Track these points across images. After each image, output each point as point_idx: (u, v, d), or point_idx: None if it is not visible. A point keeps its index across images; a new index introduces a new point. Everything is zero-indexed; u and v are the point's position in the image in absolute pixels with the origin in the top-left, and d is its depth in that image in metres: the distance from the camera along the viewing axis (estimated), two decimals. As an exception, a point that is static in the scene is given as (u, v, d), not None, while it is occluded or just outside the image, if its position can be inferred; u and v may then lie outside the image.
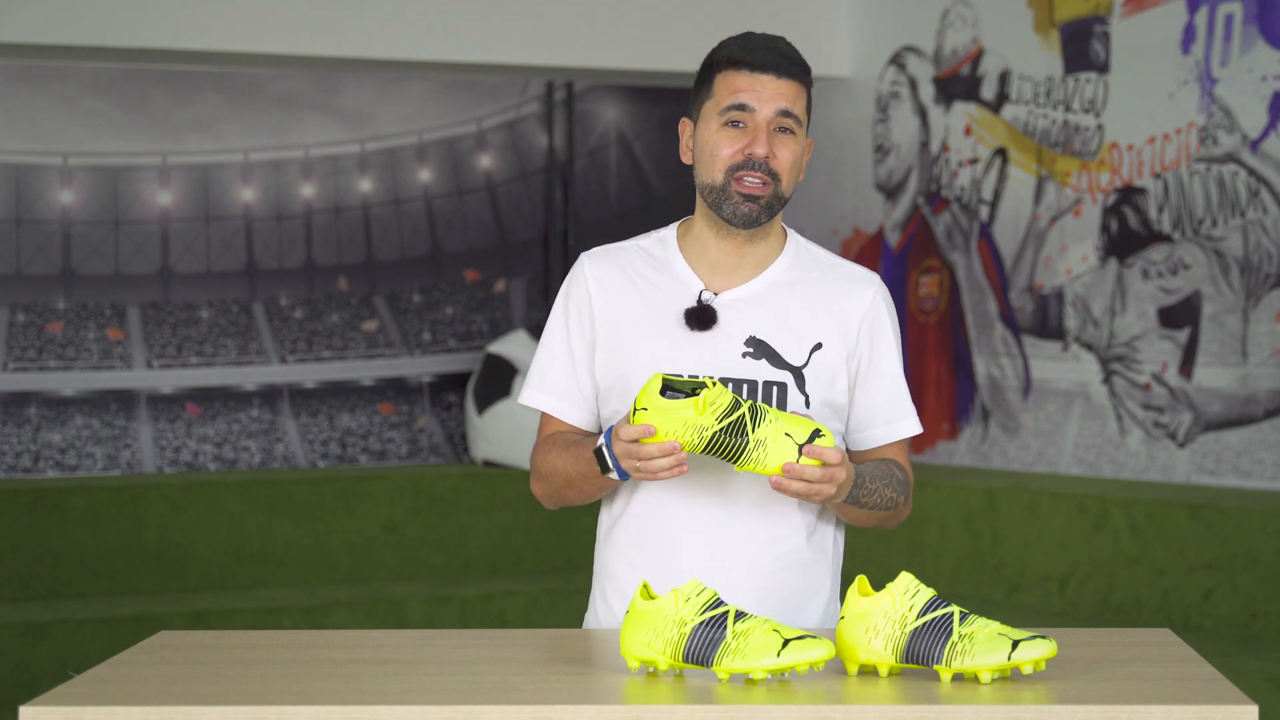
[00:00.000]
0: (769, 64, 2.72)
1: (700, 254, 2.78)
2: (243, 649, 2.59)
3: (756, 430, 2.47)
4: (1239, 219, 5.73)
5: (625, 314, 2.77)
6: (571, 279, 2.83)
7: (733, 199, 2.72)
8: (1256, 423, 5.71)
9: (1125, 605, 5.55)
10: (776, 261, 2.79)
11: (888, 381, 2.79)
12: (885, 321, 2.79)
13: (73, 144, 6.89)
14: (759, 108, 2.71)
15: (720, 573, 2.70)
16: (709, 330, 2.72)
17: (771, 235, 2.79)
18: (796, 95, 2.73)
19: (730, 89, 2.72)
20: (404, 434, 7.37)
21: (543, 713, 2.18)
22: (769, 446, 2.47)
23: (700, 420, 2.47)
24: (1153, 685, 2.28)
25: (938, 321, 6.80)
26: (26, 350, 6.86)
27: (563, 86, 7.59)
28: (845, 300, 2.77)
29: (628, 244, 2.85)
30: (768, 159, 2.70)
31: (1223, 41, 5.79)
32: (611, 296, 2.78)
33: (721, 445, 2.48)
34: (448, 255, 7.46)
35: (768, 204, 2.72)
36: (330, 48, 6.55)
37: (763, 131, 2.70)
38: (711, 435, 2.47)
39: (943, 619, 2.32)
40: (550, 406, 2.81)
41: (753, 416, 2.48)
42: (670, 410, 2.48)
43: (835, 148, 7.21)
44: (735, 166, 2.71)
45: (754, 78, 2.72)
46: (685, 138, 2.80)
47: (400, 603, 6.24)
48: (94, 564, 6.28)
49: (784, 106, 2.71)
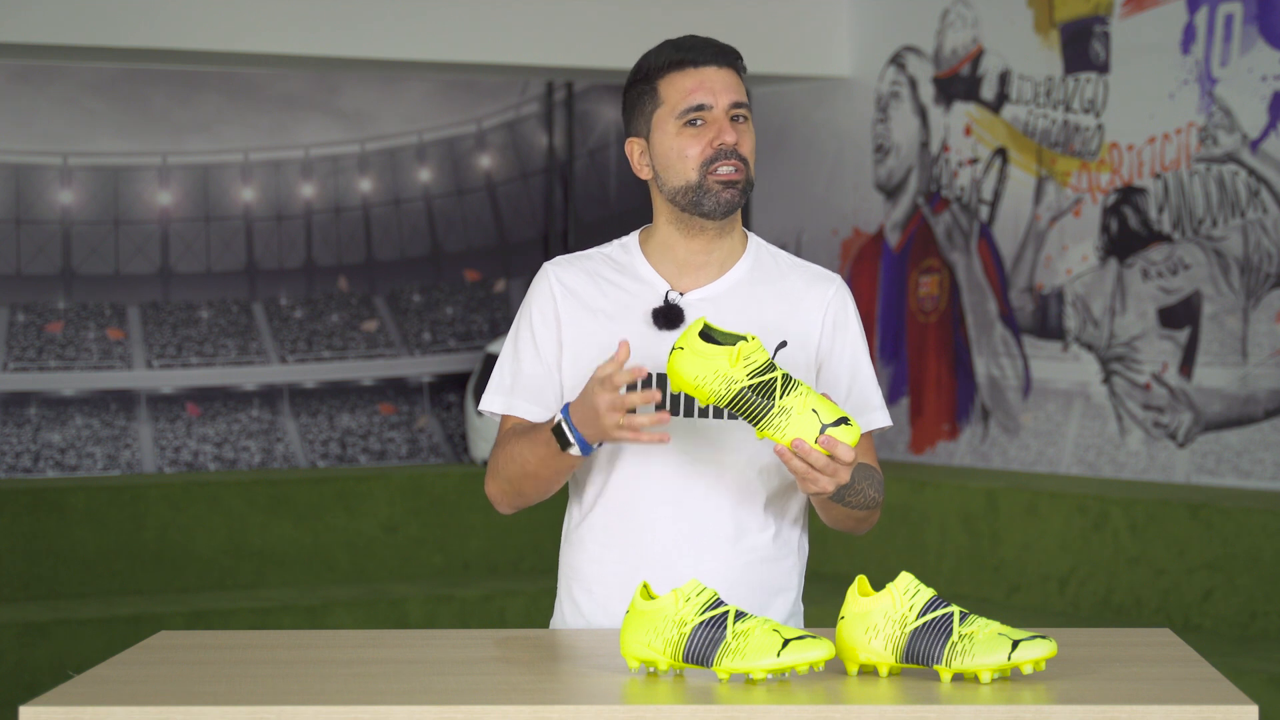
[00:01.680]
0: (709, 57, 2.75)
1: (665, 256, 2.80)
2: (243, 649, 2.59)
3: (785, 398, 2.45)
4: (1239, 219, 5.73)
5: (592, 316, 2.78)
6: (535, 285, 2.83)
7: (712, 190, 2.73)
8: (1256, 423, 5.71)
9: (1125, 605, 5.55)
10: (740, 261, 2.81)
11: (849, 376, 2.79)
12: (847, 317, 2.80)
13: (73, 144, 6.90)
14: (714, 102, 2.73)
15: (690, 568, 2.71)
16: (676, 329, 2.74)
17: (735, 233, 2.81)
18: (739, 84, 2.77)
19: (681, 91, 2.74)
20: (404, 434, 7.37)
21: (543, 713, 2.18)
22: (792, 416, 2.45)
23: (731, 371, 2.45)
24: (1153, 685, 2.28)
25: (938, 321, 6.80)
26: (26, 350, 6.87)
27: (563, 86, 7.59)
28: (807, 298, 2.79)
29: (590, 251, 2.86)
30: (737, 146, 2.72)
31: (1223, 41, 5.79)
32: (579, 299, 2.79)
33: (746, 403, 2.46)
34: (448, 255, 7.46)
35: (744, 188, 2.75)
36: (330, 48, 6.56)
37: (724, 121, 2.73)
38: (739, 390, 2.45)
39: (943, 619, 2.32)
40: (514, 409, 2.79)
41: (784, 384, 2.46)
42: (705, 355, 2.47)
43: (835, 148, 7.21)
44: (707, 161, 2.72)
45: (701, 73, 2.74)
46: (637, 155, 2.80)
47: (400, 603, 6.24)
48: (94, 564, 6.29)
49: (736, 98, 2.74)
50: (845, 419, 2.46)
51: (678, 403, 2.72)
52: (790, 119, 7.38)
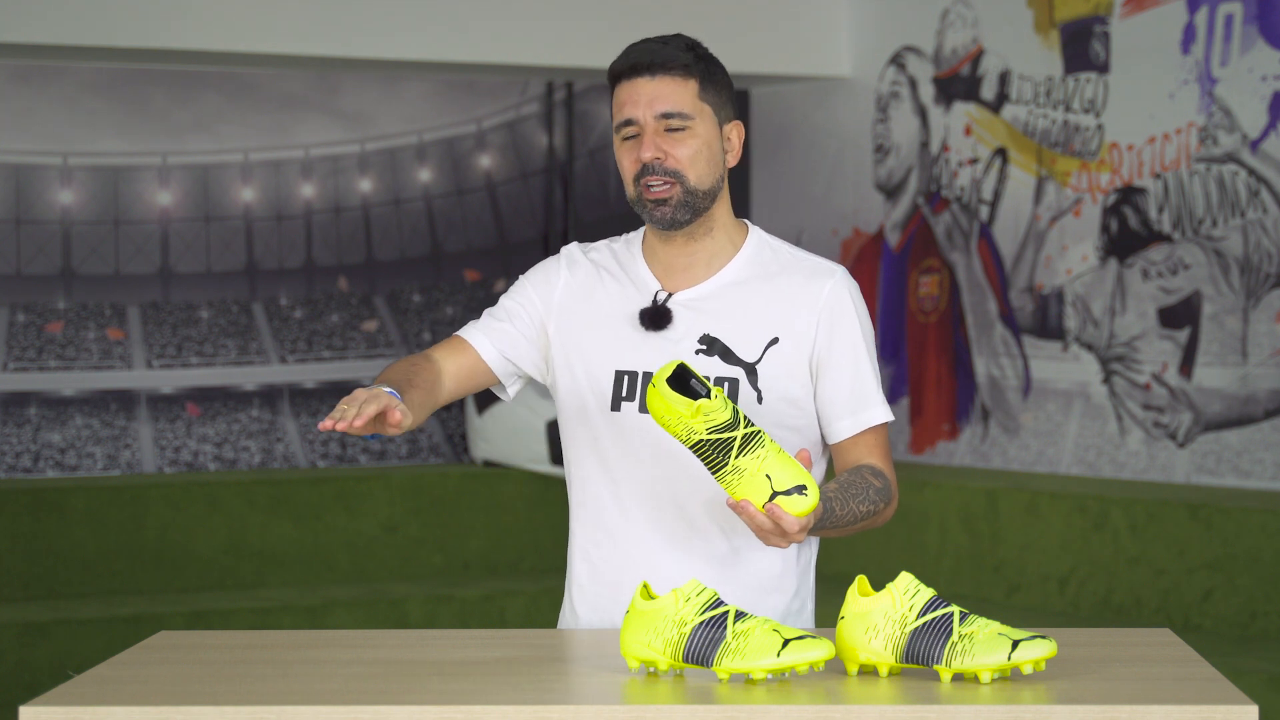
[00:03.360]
0: (640, 67, 2.73)
1: (654, 257, 2.82)
2: (243, 649, 2.59)
3: (741, 458, 2.48)
4: (1239, 219, 5.73)
5: (588, 311, 2.82)
6: (552, 263, 2.88)
7: (646, 207, 2.74)
8: (1256, 423, 5.71)
9: (1125, 605, 5.55)
10: (733, 260, 2.80)
11: (850, 371, 2.77)
12: (846, 311, 2.77)
13: (73, 144, 6.90)
14: (640, 115, 2.72)
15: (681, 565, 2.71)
16: (663, 330, 2.74)
17: (718, 231, 2.79)
18: (677, 90, 2.72)
19: (618, 105, 2.76)
20: (404, 434, 7.37)
21: (543, 713, 2.18)
22: (743, 478, 2.48)
23: (691, 423, 2.48)
24: (1153, 685, 2.28)
25: (938, 321, 6.80)
26: (26, 350, 6.86)
27: (563, 86, 7.59)
28: (803, 293, 2.77)
29: (600, 244, 2.89)
30: (660, 160, 2.71)
31: (1223, 41, 5.79)
32: (581, 293, 2.83)
33: (704, 455, 2.50)
34: (448, 255, 7.46)
35: (680, 203, 2.72)
36: (330, 48, 6.55)
37: (651, 135, 2.71)
38: (697, 440, 2.49)
39: (943, 619, 2.32)
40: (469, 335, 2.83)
41: (744, 444, 2.48)
42: (668, 402, 2.50)
43: (835, 148, 7.21)
44: (637, 176, 2.73)
45: (632, 86, 2.74)
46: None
47: (400, 603, 6.24)
48: (94, 564, 6.28)
49: (662, 109, 2.71)
50: (803, 486, 2.48)
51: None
52: (790, 119, 7.38)
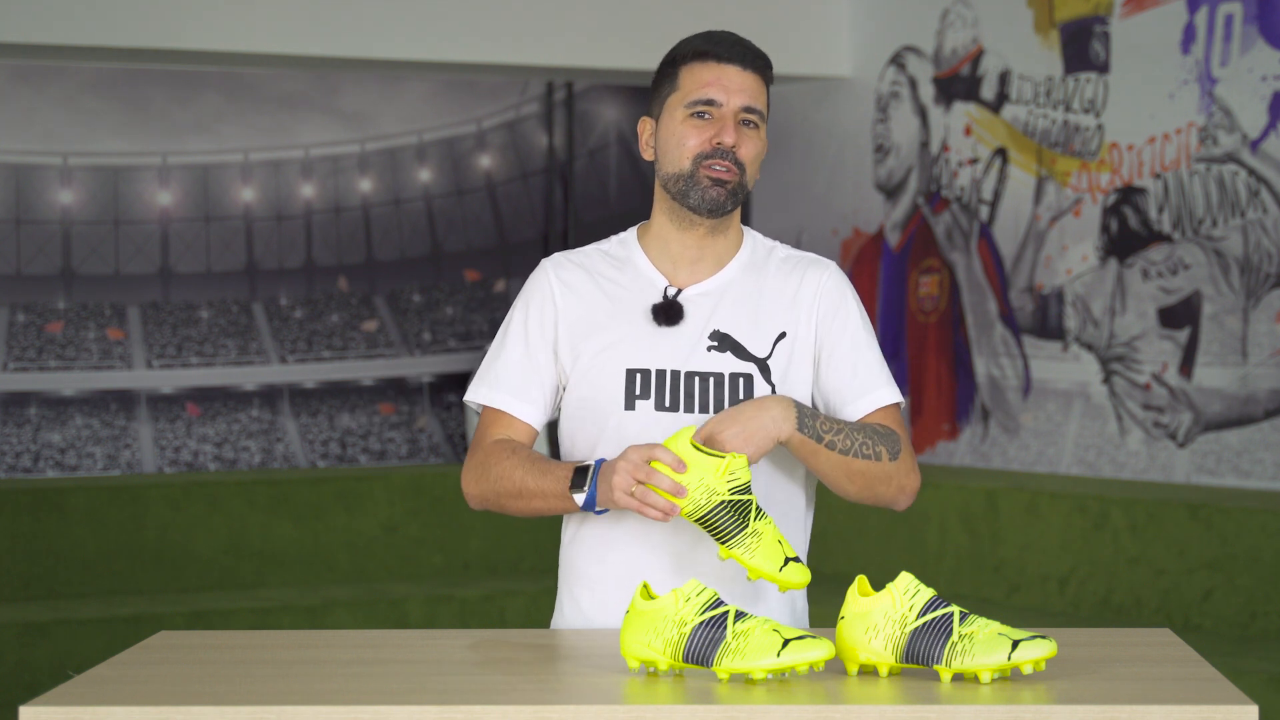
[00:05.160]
0: (734, 56, 2.74)
1: (662, 250, 2.81)
2: (243, 649, 2.59)
3: (757, 521, 2.51)
4: (1239, 219, 5.73)
5: (590, 311, 2.78)
6: (533, 281, 2.83)
7: (701, 184, 2.73)
8: (1256, 423, 5.71)
9: (1125, 605, 5.55)
10: (736, 256, 2.81)
11: (852, 357, 2.78)
12: (843, 299, 2.80)
13: (73, 144, 6.90)
14: (725, 100, 2.73)
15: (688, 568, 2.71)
16: (675, 325, 2.74)
17: (731, 230, 2.81)
18: (759, 90, 2.76)
19: (697, 82, 2.74)
20: (404, 434, 7.37)
21: (543, 713, 2.18)
22: (762, 541, 2.51)
23: (714, 483, 2.49)
24: (1153, 685, 2.28)
25: (938, 321, 6.80)
26: (26, 350, 6.87)
27: (563, 86, 7.59)
28: (801, 286, 2.79)
29: (587, 248, 2.86)
30: (735, 148, 2.72)
31: (1223, 41, 5.79)
32: (577, 295, 2.79)
33: (720, 518, 2.51)
34: (448, 255, 7.46)
35: (734, 190, 2.74)
36: (330, 48, 6.56)
37: (729, 121, 2.72)
38: (718, 502, 2.50)
39: (943, 619, 2.32)
40: (504, 404, 2.79)
41: (757, 511, 2.52)
42: (692, 461, 2.50)
43: (835, 148, 7.21)
44: (703, 155, 2.73)
45: (720, 69, 2.74)
46: (646, 135, 2.82)
47: (400, 603, 6.24)
48: (94, 564, 6.28)
49: (748, 102, 2.73)
50: (797, 558, 2.54)
51: None
52: (790, 119, 7.38)
